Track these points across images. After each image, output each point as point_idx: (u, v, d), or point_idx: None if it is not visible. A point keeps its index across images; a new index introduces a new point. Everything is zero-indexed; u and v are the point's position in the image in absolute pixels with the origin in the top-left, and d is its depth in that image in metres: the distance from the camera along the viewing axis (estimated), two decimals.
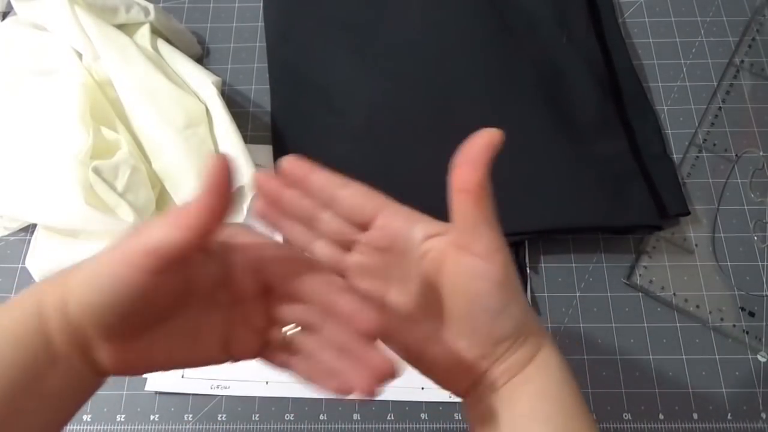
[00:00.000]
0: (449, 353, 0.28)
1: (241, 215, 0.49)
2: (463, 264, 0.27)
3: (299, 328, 0.28)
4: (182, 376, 0.47)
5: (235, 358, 0.28)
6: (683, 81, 0.57)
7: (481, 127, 0.57)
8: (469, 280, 0.27)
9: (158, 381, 0.47)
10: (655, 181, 0.51)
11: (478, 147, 0.28)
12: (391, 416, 0.46)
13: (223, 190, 0.24)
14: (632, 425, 0.45)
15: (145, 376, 0.47)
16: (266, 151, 0.54)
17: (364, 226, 0.30)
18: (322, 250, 0.31)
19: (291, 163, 0.31)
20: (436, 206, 0.50)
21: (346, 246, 0.31)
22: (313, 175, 0.30)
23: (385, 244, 0.30)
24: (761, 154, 0.54)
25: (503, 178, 0.50)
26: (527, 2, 0.58)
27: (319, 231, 0.31)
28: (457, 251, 0.28)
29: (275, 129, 0.54)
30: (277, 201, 0.31)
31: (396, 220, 0.30)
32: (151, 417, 0.46)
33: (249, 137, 0.55)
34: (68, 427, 0.45)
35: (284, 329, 0.28)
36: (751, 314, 0.48)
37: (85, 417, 0.46)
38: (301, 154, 0.53)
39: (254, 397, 0.47)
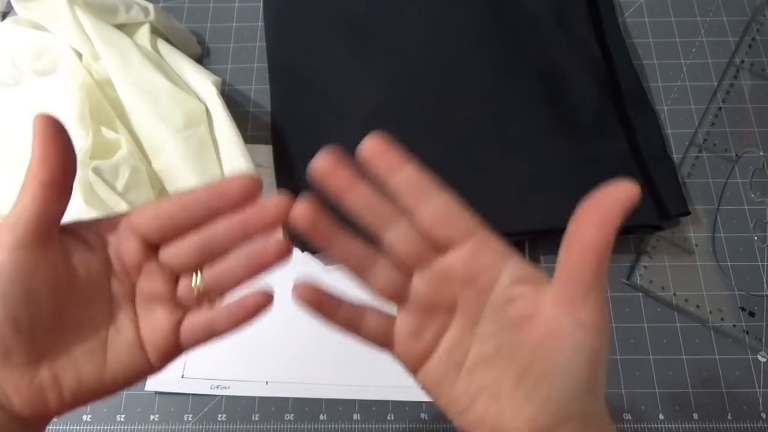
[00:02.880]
0: (505, 415, 0.25)
1: None
2: (563, 328, 0.24)
3: (202, 276, 0.27)
4: (182, 376, 0.47)
5: (161, 355, 0.27)
6: (683, 81, 0.57)
7: (480, 127, 0.57)
8: (565, 346, 0.24)
9: (158, 381, 0.47)
10: (655, 181, 0.51)
11: (614, 202, 0.24)
12: (391, 416, 0.46)
13: (52, 138, 0.24)
14: (632, 425, 0.45)
15: None
16: (266, 151, 0.54)
17: (441, 248, 0.27)
18: (382, 277, 0.27)
19: (379, 145, 0.27)
20: None
21: (407, 268, 0.27)
22: (405, 168, 0.26)
23: (466, 279, 0.26)
24: (761, 154, 0.54)
25: (503, 179, 0.50)
26: (527, 2, 0.58)
27: (386, 246, 0.27)
28: (558, 311, 0.24)
29: (275, 129, 0.54)
30: (344, 198, 0.27)
31: (486, 254, 0.26)
32: (151, 417, 0.46)
33: (249, 137, 0.55)
34: (68, 427, 0.46)
35: (193, 283, 0.27)
36: (751, 314, 0.48)
37: (84, 417, 0.46)
38: (301, 154, 0.53)
39: (254, 397, 0.47)
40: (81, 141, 0.44)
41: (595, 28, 0.57)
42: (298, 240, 0.49)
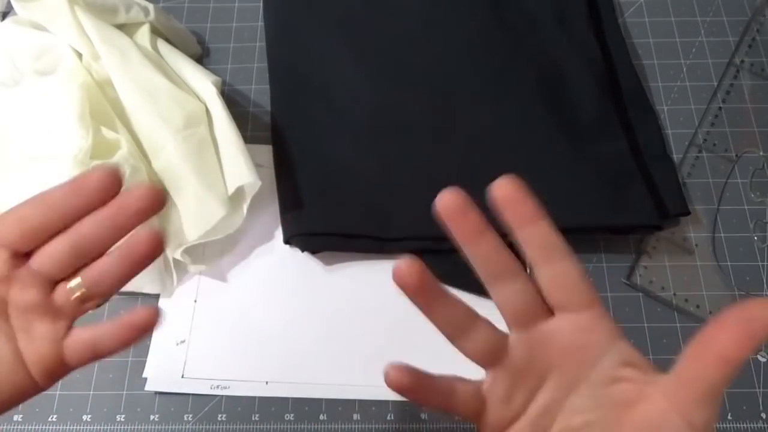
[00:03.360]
0: None
1: (240, 216, 0.49)
2: (669, 423, 0.23)
3: (80, 279, 0.26)
4: (182, 376, 0.47)
5: (46, 372, 0.26)
6: (683, 81, 0.57)
7: (480, 127, 0.56)
8: None
9: (158, 381, 0.47)
10: (655, 181, 0.51)
11: (764, 323, 0.22)
12: (391, 416, 0.46)
13: None
14: None
15: (145, 375, 0.47)
16: (266, 151, 0.54)
17: (550, 312, 0.26)
18: (480, 341, 0.26)
19: (517, 191, 0.25)
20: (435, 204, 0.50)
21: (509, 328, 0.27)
22: (540, 224, 0.25)
23: (570, 347, 0.26)
24: (761, 154, 0.54)
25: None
26: (527, 2, 0.58)
27: (495, 300, 0.26)
28: (668, 406, 0.23)
29: (275, 129, 0.54)
30: (469, 245, 0.25)
31: (597, 328, 0.26)
32: (151, 417, 0.46)
33: (249, 137, 0.55)
34: (68, 427, 0.46)
35: (69, 285, 0.26)
36: None
37: (85, 417, 0.46)
38: (301, 154, 0.53)
39: (254, 397, 0.47)
40: (81, 141, 0.44)
41: (595, 28, 0.57)
42: (298, 240, 0.50)
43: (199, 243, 0.49)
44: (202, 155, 0.48)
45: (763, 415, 0.45)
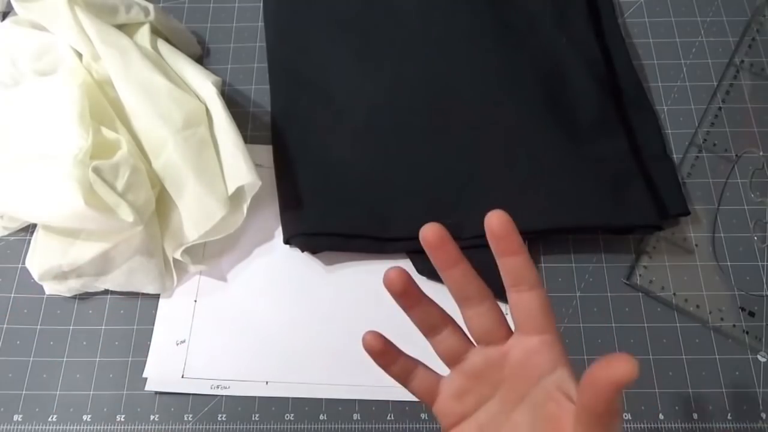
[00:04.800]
0: None
1: (240, 216, 0.49)
2: None
3: None
4: (182, 376, 0.47)
5: None
6: (683, 81, 0.57)
7: (480, 127, 0.57)
8: None
9: (158, 381, 0.47)
10: (655, 181, 0.51)
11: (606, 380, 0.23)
12: (391, 416, 0.46)
13: None
14: (632, 425, 0.45)
15: (145, 375, 0.47)
16: (266, 151, 0.54)
17: (506, 335, 0.31)
18: (447, 341, 0.32)
19: (507, 227, 0.29)
20: (435, 205, 0.50)
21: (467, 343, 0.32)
22: (520, 256, 0.29)
23: (520, 365, 0.30)
24: (761, 154, 0.54)
25: (503, 179, 0.50)
26: (527, 2, 0.58)
27: (464, 317, 0.31)
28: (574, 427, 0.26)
29: (275, 129, 0.54)
30: (446, 271, 0.31)
31: (547, 352, 0.29)
32: (151, 417, 0.46)
33: (249, 137, 0.55)
34: (68, 427, 0.46)
35: None
36: (751, 314, 0.48)
37: (84, 417, 0.46)
38: (301, 154, 0.53)
39: (254, 397, 0.47)
40: (81, 141, 0.44)
41: (595, 28, 0.57)
42: (298, 240, 0.50)
43: (199, 243, 0.49)
44: (202, 155, 0.48)
45: (763, 415, 0.45)
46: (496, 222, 0.29)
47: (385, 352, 0.32)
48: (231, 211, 0.48)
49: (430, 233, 0.30)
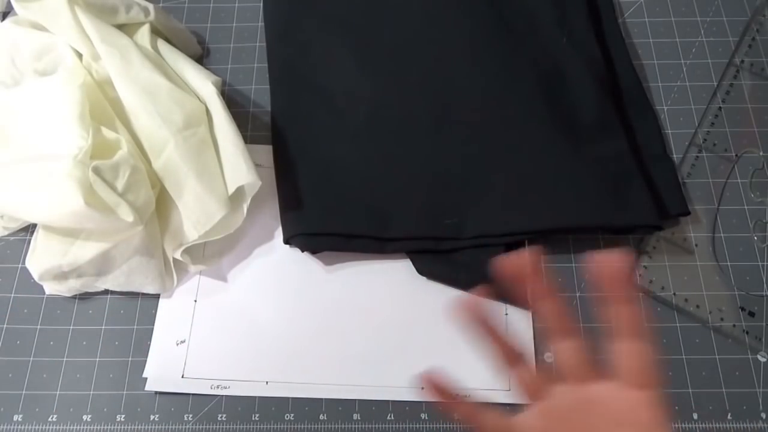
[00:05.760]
0: None
1: (241, 216, 0.49)
2: None
3: None
4: (182, 376, 0.47)
5: None
6: (683, 81, 0.57)
7: (480, 127, 0.56)
8: None
9: (158, 381, 0.47)
10: (655, 181, 0.51)
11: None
12: (391, 416, 0.46)
13: None
14: None
15: (145, 375, 0.47)
16: (266, 151, 0.54)
17: (605, 378, 0.29)
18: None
19: (623, 271, 0.28)
20: (435, 204, 0.50)
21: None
22: (631, 306, 0.28)
23: (608, 414, 0.28)
24: (761, 154, 0.54)
25: (503, 179, 0.50)
26: (527, 2, 0.58)
27: (554, 351, 0.30)
28: None
29: (275, 129, 0.54)
30: (537, 303, 0.30)
31: (647, 413, 0.27)
32: (151, 417, 0.46)
33: (249, 137, 0.55)
34: (68, 427, 0.46)
35: None
36: (751, 314, 0.48)
37: (85, 417, 0.46)
38: (301, 154, 0.53)
39: (254, 397, 0.47)
40: (81, 141, 0.44)
41: (595, 28, 0.57)
42: (298, 240, 0.50)
43: (199, 243, 0.49)
44: (202, 155, 0.48)
45: (763, 415, 0.45)
46: (610, 262, 0.27)
47: (443, 394, 0.30)
48: (231, 211, 0.48)
49: (526, 260, 0.29)
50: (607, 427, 0.28)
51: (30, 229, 0.52)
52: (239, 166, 0.48)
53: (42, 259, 0.48)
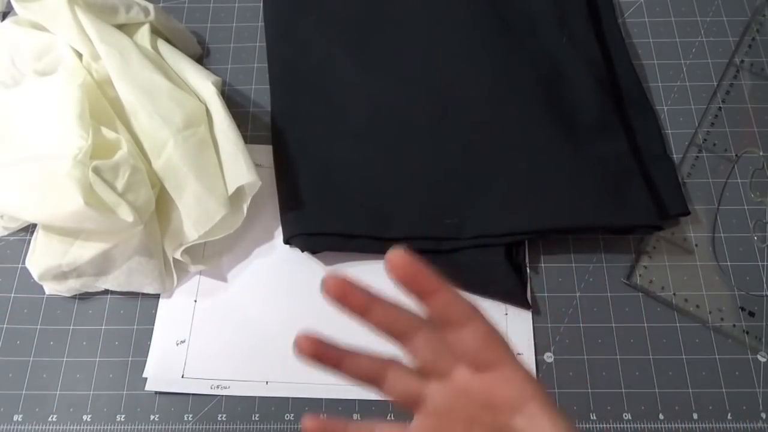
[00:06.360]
0: None
1: (240, 216, 0.49)
2: None
3: None
4: (182, 376, 0.47)
5: None
6: (683, 81, 0.57)
7: (480, 128, 0.56)
8: None
9: (158, 381, 0.47)
10: (655, 181, 0.51)
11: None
12: (390, 416, 0.46)
13: None
14: (632, 425, 0.45)
15: (145, 375, 0.47)
16: (266, 151, 0.54)
17: (471, 366, 0.27)
18: (398, 384, 0.28)
19: (409, 267, 0.26)
20: (435, 205, 0.50)
21: (425, 377, 0.28)
22: (442, 292, 0.27)
23: (485, 402, 0.27)
24: (761, 154, 0.54)
25: (504, 179, 0.50)
26: (527, 2, 0.58)
27: (409, 354, 0.28)
28: None
29: (275, 129, 0.54)
30: (364, 318, 0.28)
31: (510, 390, 0.27)
32: (151, 417, 0.46)
33: (249, 137, 0.55)
34: (68, 427, 0.46)
35: None
36: (751, 314, 0.48)
37: (85, 417, 0.46)
38: (301, 154, 0.53)
39: (254, 397, 0.47)
40: (81, 141, 0.44)
41: (595, 28, 0.57)
42: (298, 240, 0.50)
43: (199, 243, 0.49)
44: (202, 155, 0.48)
45: (763, 415, 0.45)
46: (397, 264, 0.26)
47: (322, 354, 0.28)
48: (231, 211, 0.48)
49: (330, 288, 0.27)
50: (487, 415, 0.27)
51: (30, 229, 0.52)
52: (239, 166, 0.48)
53: (42, 259, 0.48)
